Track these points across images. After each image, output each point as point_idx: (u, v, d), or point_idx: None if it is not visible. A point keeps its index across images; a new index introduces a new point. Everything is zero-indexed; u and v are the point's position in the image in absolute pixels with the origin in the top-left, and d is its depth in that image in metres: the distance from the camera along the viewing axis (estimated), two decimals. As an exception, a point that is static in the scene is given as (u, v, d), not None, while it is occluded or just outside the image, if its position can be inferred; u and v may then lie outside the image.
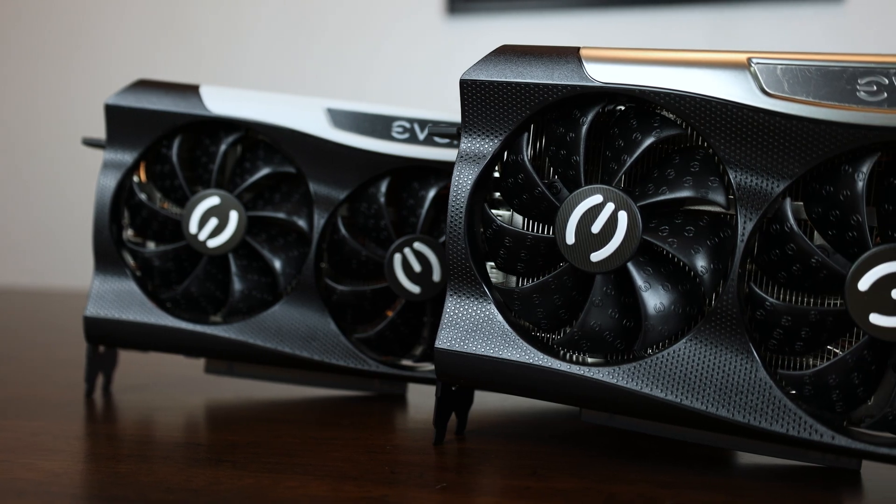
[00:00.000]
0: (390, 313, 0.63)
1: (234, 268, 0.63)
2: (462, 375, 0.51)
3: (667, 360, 0.46)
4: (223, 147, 0.63)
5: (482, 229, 0.51)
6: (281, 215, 0.63)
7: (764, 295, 0.45)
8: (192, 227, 0.62)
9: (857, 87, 0.42)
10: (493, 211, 0.52)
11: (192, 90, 0.63)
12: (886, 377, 0.45)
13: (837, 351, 0.46)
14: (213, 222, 0.62)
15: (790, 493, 0.45)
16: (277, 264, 0.63)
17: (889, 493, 0.47)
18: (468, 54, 1.08)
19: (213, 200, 0.62)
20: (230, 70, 1.73)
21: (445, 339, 0.50)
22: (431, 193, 0.62)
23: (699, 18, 1.57)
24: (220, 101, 0.63)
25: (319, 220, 0.62)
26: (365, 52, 1.68)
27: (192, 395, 0.68)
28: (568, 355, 0.50)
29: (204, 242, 0.62)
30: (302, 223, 0.63)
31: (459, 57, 1.52)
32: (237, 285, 0.63)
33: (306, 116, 0.61)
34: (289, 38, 1.71)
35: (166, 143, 0.64)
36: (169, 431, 0.58)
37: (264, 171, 0.63)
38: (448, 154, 0.61)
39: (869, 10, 1.51)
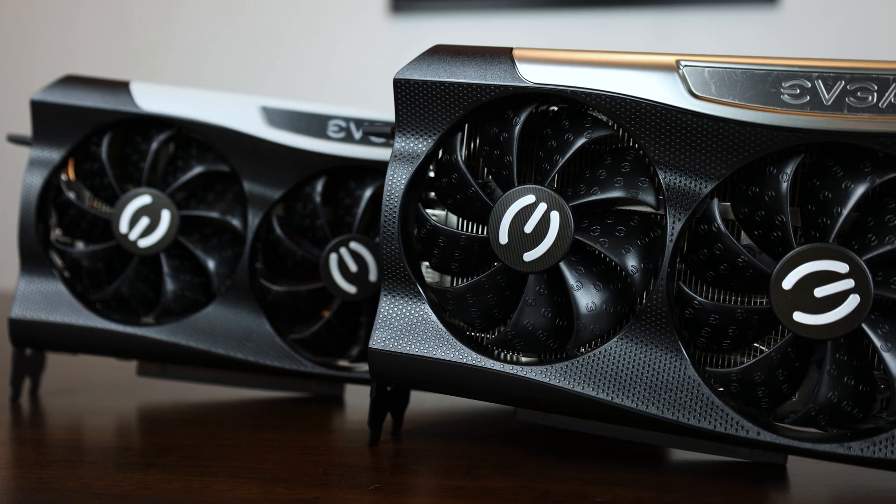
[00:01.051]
0: (326, 313, 0.63)
1: (166, 268, 0.62)
2: (396, 376, 0.50)
3: (598, 358, 0.47)
4: (155, 145, 0.62)
5: (416, 229, 0.51)
6: (214, 215, 0.62)
7: (692, 294, 0.46)
8: (123, 227, 0.61)
9: (782, 90, 0.43)
10: (429, 210, 0.52)
11: (121, 87, 0.62)
12: (810, 373, 0.46)
13: (764, 348, 0.47)
14: (144, 221, 0.61)
15: (718, 488, 0.46)
16: (211, 264, 0.62)
17: (813, 486, 0.48)
18: (412, 54, 1.08)
19: (145, 199, 0.61)
20: (166, 68, 1.70)
21: (379, 340, 0.50)
22: (368, 193, 0.62)
23: (640, 21, 1.59)
24: (151, 98, 0.61)
25: (254, 220, 0.61)
26: (306, 51, 1.67)
27: (124, 398, 0.67)
28: (502, 355, 0.50)
29: (135, 242, 0.61)
30: (236, 223, 0.62)
31: (403, 56, 1.51)
32: (169, 286, 0.62)
33: (240, 114, 0.61)
34: (227, 34, 1.69)
35: (96, 140, 0.62)
36: (98, 435, 0.57)
37: (197, 170, 0.62)
38: (385, 153, 0.61)
39: (802, 13, 1.55)
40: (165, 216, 0.61)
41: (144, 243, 0.61)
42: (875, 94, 0.42)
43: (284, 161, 0.61)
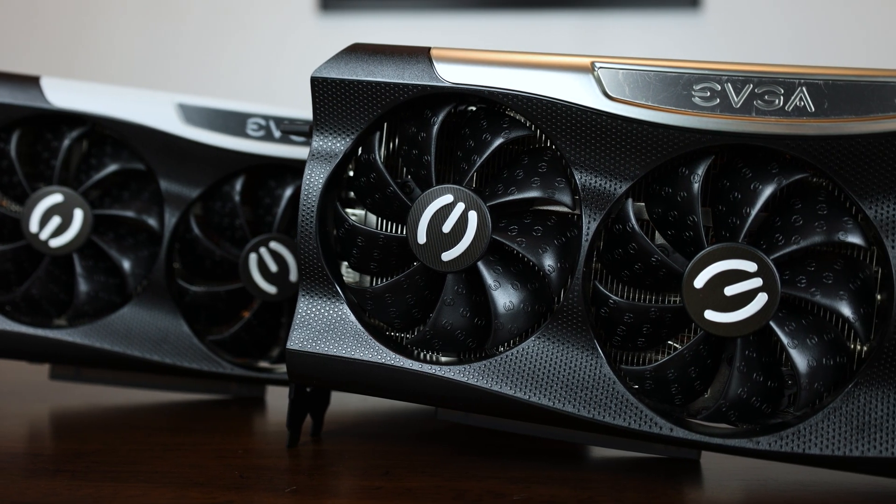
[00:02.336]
0: (246, 314, 0.62)
1: (78, 268, 0.60)
2: (314, 377, 0.50)
3: (516, 357, 0.47)
4: (66, 142, 0.60)
5: (335, 229, 0.51)
6: (130, 214, 0.61)
7: (607, 293, 0.46)
8: (33, 226, 0.59)
9: (693, 92, 0.44)
10: (348, 210, 0.52)
11: (31, 81, 0.60)
12: (722, 370, 0.47)
13: (678, 346, 0.47)
14: (55, 221, 0.59)
15: (633, 484, 0.47)
16: (126, 265, 0.60)
17: (724, 480, 0.49)
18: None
19: (56, 198, 0.59)
20: (80, 64, 1.65)
21: (297, 340, 0.50)
22: (288, 192, 0.61)
23: (566, 23, 1.60)
24: (62, 94, 0.60)
25: (171, 219, 0.60)
26: (232, 48, 1.64)
27: (36, 403, 0.65)
28: (421, 354, 0.50)
29: (46, 242, 0.60)
30: (152, 222, 0.61)
31: (331, 55, 1.50)
32: (82, 287, 0.60)
33: (156, 111, 0.59)
34: (146, 29, 1.66)
35: (4, 136, 0.60)
36: (7, 441, 0.55)
37: (112, 168, 0.61)
38: (305, 152, 0.60)
39: (724, 18, 1.58)
40: (78, 215, 0.59)
41: (56, 243, 0.60)
42: (781, 98, 0.43)
43: (202, 159, 0.60)
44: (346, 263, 0.52)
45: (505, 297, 0.47)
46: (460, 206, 0.47)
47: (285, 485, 0.46)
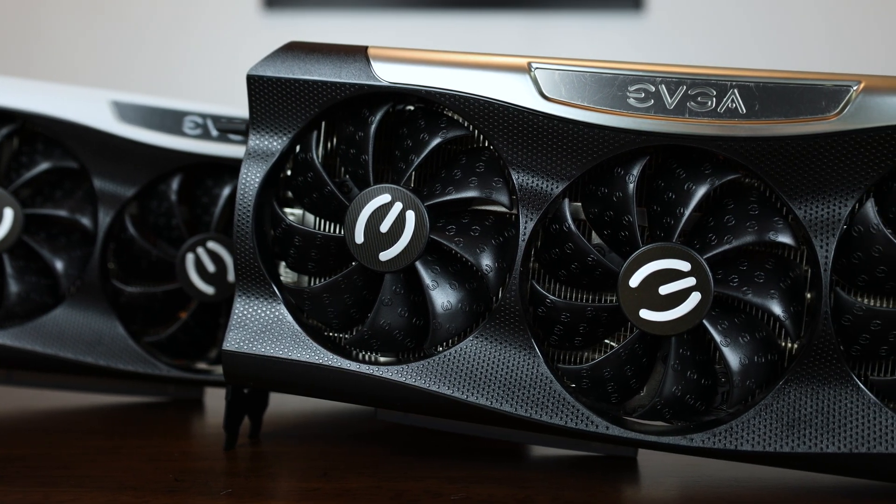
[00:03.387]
0: (183, 315, 0.61)
1: (9, 269, 0.59)
2: (251, 378, 0.49)
3: (454, 357, 0.47)
4: (-4, 140, 0.58)
5: (272, 229, 0.50)
6: (62, 213, 0.59)
7: (544, 292, 0.47)
8: (-39, 226, 0.58)
9: (628, 93, 0.45)
10: (287, 209, 0.51)
11: (-41, 78, 0.58)
12: (657, 369, 0.48)
13: (614, 345, 0.48)
14: (-16, 220, 0.58)
15: (571, 482, 0.47)
16: (59, 265, 0.59)
17: (660, 477, 0.49)
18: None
19: (-15, 197, 0.58)
20: (23, 61, 1.62)
21: (234, 341, 0.49)
22: (226, 191, 0.61)
23: (512, 24, 1.61)
24: (-9, 91, 0.58)
25: (105, 219, 0.59)
26: (175, 45, 1.62)
27: (-35, 407, 0.64)
28: (359, 355, 0.50)
29: (-26, 242, 0.58)
30: (86, 221, 0.59)
31: (275, 52, 1.48)
32: (13, 287, 0.59)
33: (89, 109, 0.58)
34: (85, 25, 1.62)
35: (-70, 134, 0.59)
36: (-67, 447, 0.54)
37: (43, 166, 0.59)
38: (244, 151, 0.59)
39: (667, 20, 1.60)
40: (8, 214, 0.58)
41: (-15, 243, 0.58)
42: (714, 99, 0.44)
43: (137, 158, 0.59)
44: (284, 263, 0.52)
45: (443, 297, 0.47)
46: (398, 206, 0.47)
47: (221, 487, 0.45)
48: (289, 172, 0.51)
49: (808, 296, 0.45)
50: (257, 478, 0.48)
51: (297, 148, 0.50)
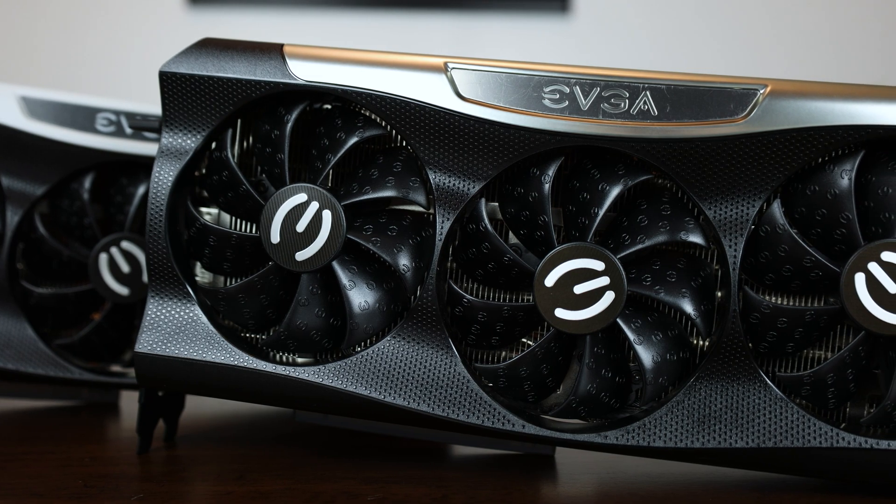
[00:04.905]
0: (97, 316, 0.60)
1: (-90, 270, 0.57)
2: (165, 380, 0.48)
3: (371, 357, 0.47)
4: None
5: (186, 228, 0.49)
6: (-32, 212, 0.57)
7: (461, 292, 0.47)
8: None
9: (543, 94, 0.45)
10: (203, 209, 0.50)
11: None
12: (573, 367, 0.48)
13: (531, 343, 0.48)
14: None
15: (488, 481, 0.47)
16: (-36, 266, 0.57)
17: (577, 474, 0.50)
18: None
19: None
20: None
21: (146, 343, 0.48)
22: (141, 190, 0.59)
23: (441, 25, 1.61)
24: None
25: (14, 218, 0.57)
26: (94, 40, 1.58)
27: None
28: (276, 356, 0.49)
29: None
30: (-7, 220, 0.58)
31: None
32: (-83, 289, 0.57)
33: (-4, 104, 0.56)
34: (7, 19, 1.57)
35: None
36: None
37: (-54, 164, 0.57)
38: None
39: (593, 23, 1.62)
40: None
41: None
42: (627, 101, 0.44)
43: (48, 155, 0.57)
44: (199, 263, 0.51)
45: (360, 297, 0.47)
46: (314, 206, 0.46)
47: (132, 493, 0.44)
48: (204, 171, 0.50)
49: (719, 294, 0.46)
50: (170, 482, 0.47)
51: (213, 146, 0.49)
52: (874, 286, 0.43)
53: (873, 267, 0.43)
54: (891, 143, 0.44)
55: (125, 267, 0.59)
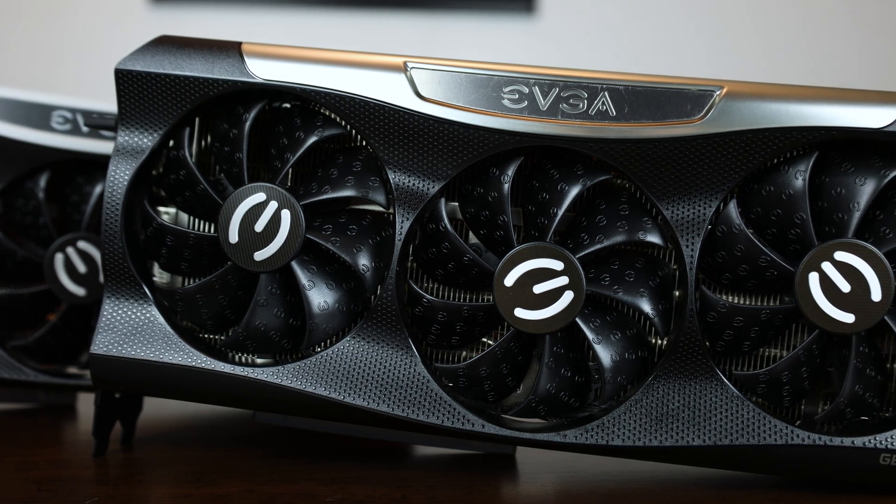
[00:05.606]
0: (52, 317, 0.59)
1: None
2: (121, 382, 0.48)
3: (331, 357, 0.47)
4: None
5: (143, 228, 0.49)
6: (-81, 211, 0.56)
7: (421, 292, 0.47)
8: None
9: (502, 94, 0.45)
10: (161, 208, 0.50)
11: None
12: (533, 366, 0.48)
13: (491, 343, 0.48)
14: None
15: (448, 481, 0.47)
16: (-85, 266, 0.56)
17: (537, 473, 0.50)
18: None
19: None
20: None
21: (102, 344, 0.47)
22: (98, 189, 0.59)
23: (406, 24, 1.61)
24: None
25: (-34, 218, 0.56)
26: (50, 34, 1.55)
27: None
28: (235, 357, 0.49)
29: None
30: (-56, 221, 0.56)
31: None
32: None
33: (-53, 101, 0.55)
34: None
35: None
36: None
37: None
38: (117, 148, 0.57)
39: (558, 23, 1.63)
40: None
41: None
42: (585, 102, 0.44)
43: (1, 154, 0.56)
44: (157, 263, 0.50)
45: (320, 297, 0.47)
46: (273, 205, 0.46)
47: (86, 496, 0.44)
48: (161, 170, 0.49)
49: (676, 294, 0.46)
50: (126, 485, 0.47)
51: (170, 144, 0.48)
52: (828, 285, 0.43)
53: (826, 266, 0.43)
54: (844, 145, 0.44)
55: (81, 267, 0.58)
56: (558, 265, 0.45)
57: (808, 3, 1.59)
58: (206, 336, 0.50)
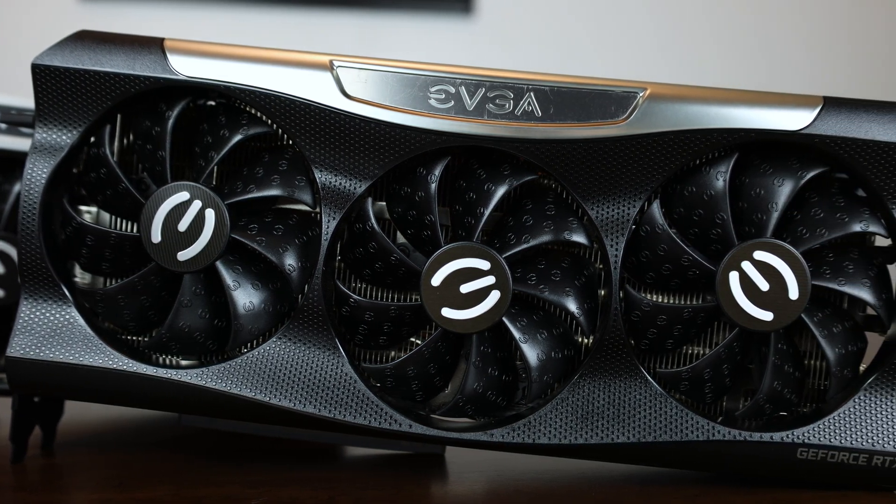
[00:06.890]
0: (-30, 320, 0.57)
1: None
2: (40, 385, 0.47)
3: (257, 358, 0.46)
4: None
5: (62, 227, 0.48)
6: None
7: (348, 292, 0.46)
8: None
9: (429, 94, 0.45)
10: (83, 207, 0.49)
11: None
12: (461, 366, 0.48)
13: (419, 343, 0.48)
14: None
15: (376, 481, 0.47)
16: None
17: (465, 472, 0.50)
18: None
19: None
20: None
21: (19, 347, 0.46)
22: (17, 187, 0.57)
23: (345, 23, 1.60)
24: None
25: None
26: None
27: None
28: (158, 359, 0.48)
29: None
30: None
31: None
32: None
33: None
34: None
35: None
36: None
37: None
38: (38, 145, 0.56)
39: (495, 24, 1.64)
40: None
41: None
42: (511, 102, 0.45)
43: (-86, 150, 0.54)
44: (77, 264, 0.49)
45: (245, 298, 0.46)
46: (197, 204, 0.45)
47: (3, 503, 0.42)
48: (81, 168, 0.48)
49: (602, 293, 0.47)
50: (46, 491, 0.46)
51: (91, 141, 0.47)
52: (747, 284, 0.44)
53: (746, 266, 0.44)
54: (763, 147, 0.45)
55: (0, 268, 0.56)
56: (485, 265, 0.45)
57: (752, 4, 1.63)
58: (128, 338, 0.49)
